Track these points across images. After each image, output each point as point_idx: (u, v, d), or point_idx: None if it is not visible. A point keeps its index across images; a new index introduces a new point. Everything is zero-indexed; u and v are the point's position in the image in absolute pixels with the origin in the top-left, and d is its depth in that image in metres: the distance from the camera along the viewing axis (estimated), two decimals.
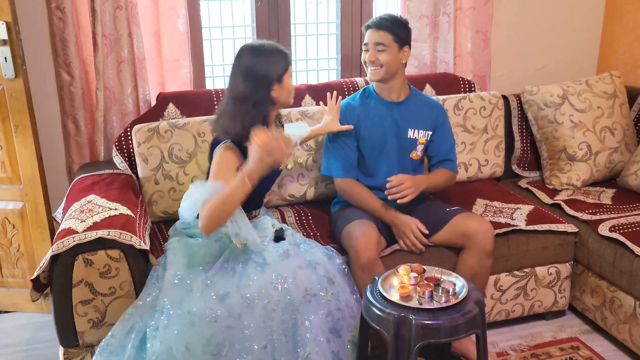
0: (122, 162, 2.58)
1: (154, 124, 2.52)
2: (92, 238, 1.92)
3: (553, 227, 2.47)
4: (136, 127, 2.52)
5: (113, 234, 1.94)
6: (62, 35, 2.64)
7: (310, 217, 2.60)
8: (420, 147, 2.47)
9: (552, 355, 2.39)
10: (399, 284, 1.87)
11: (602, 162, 2.85)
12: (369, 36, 2.38)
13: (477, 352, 1.89)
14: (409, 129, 2.45)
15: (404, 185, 2.25)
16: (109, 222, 2.00)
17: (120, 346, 1.88)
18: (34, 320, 2.71)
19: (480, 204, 2.67)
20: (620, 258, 2.31)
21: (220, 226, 1.97)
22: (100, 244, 1.94)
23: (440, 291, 1.81)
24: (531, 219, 2.51)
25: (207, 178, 2.10)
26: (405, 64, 2.44)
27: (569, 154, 2.83)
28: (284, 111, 2.66)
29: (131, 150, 2.61)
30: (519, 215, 2.54)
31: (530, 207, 2.61)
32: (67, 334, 1.99)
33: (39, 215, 2.62)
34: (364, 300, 1.88)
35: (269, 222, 2.26)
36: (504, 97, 3.04)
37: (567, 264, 2.55)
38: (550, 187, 2.86)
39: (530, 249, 2.46)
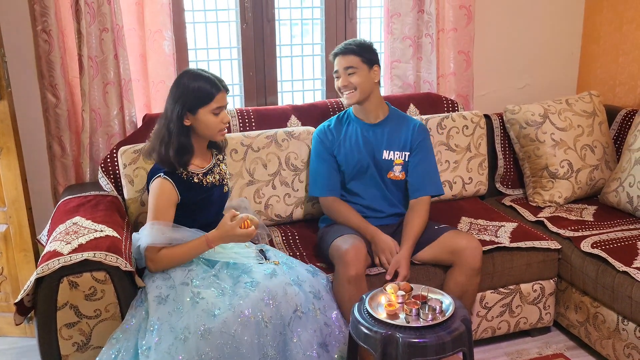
0: (107, 183, 2.58)
1: (139, 146, 2.53)
2: (78, 260, 1.91)
3: (536, 244, 2.50)
4: (122, 148, 2.53)
5: (99, 255, 1.93)
6: (47, 57, 2.65)
7: (297, 237, 2.61)
8: (397, 168, 2.50)
9: None
10: (386, 302, 1.88)
11: (584, 180, 2.90)
12: (337, 63, 2.45)
13: None
14: (384, 150, 2.48)
15: (400, 270, 2.27)
16: (94, 244, 1.99)
17: None
18: (17, 345, 2.68)
19: (465, 222, 2.70)
20: (602, 274, 2.34)
21: None
22: (86, 266, 1.93)
23: (427, 309, 1.83)
24: (515, 236, 2.54)
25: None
26: (379, 82, 2.50)
27: (551, 172, 2.88)
28: (270, 132, 2.69)
29: (117, 171, 2.61)
30: (503, 233, 2.57)
31: (514, 225, 2.65)
32: (51, 358, 1.97)
33: (23, 238, 2.60)
34: (352, 318, 1.89)
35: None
36: (486, 116, 3.09)
37: (551, 280, 2.58)
38: (534, 204, 2.90)
39: (515, 265, 2.49)
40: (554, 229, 2.63)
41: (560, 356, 2.50)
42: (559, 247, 2.53)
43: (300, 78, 3.36)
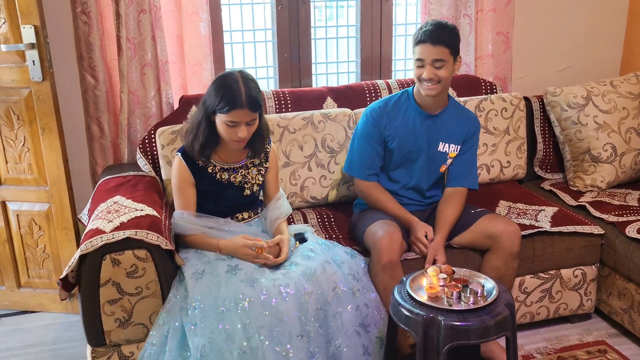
0: (146, 164, 2.60)
1: (177, 127, 2.54)
2: (120, 238, 1.93)
3: (578, 228, 2.45)
4: (160, 129, 2.54)
5: (140, 234, 1.95)
6: (87, 39, 2.67)
7: (332, 219, 2.60)
8: (449, 161, 2.42)
9: (579, 358, 2.36)
10: (427, 284, 1.86)
11: (628, 164, 2.82)
12: (424, 52, 2.22)
13: (507, 355, 1.87)
14: (440, 142, 2.39)
15: (437, 257, 2.24)
16: (135, 223, 2.01)
17: (161, 352, 1.90)
18: (60, 320, 2.74)
19: (503, 206, 2.65)
20: None
21: None
22: (128, 244, 1.95)
23: (468, 292, 1.80)
24: (556, 220, 2.49)
25: None
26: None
27: (593, 156, 2.81)
28: (306, 113, 2.67)
29: (155, 152, 2.63)
30: (543, 217, 2.52)
31: (555, 209, 2.59)
32: (95, 333, 2.01)
33: (64, 216, 2.64)
34: (392, 301, 1.88)
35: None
36: (526, 99, 3.02)
37: (593, 266, 2.52)
38: (574, 189, 2.84)
39: (556, 250, 2.44)
40: (597, 213, 2.57)
41: (603, 343, 2.45)
42: (602, 232, 2.47)
43: (335, 60, 3.33)
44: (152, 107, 2.82)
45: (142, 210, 2.12)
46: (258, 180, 2.26)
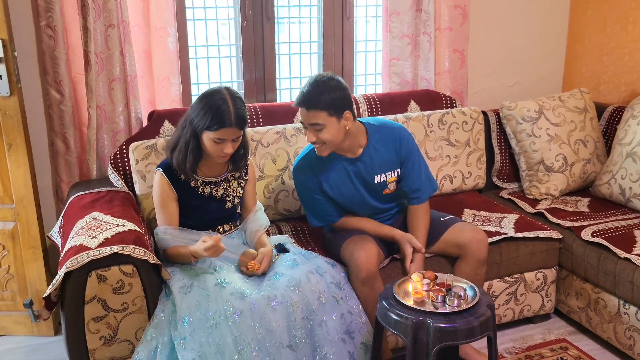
0: (118, 179, 2.58)
1: (151, 142, 2.53)
2: (107, 254, 1.91)
3: (540, 234, 2.61)
4: (133, 144, 2.53)
5: (127, 249, 1.94)
6: (52, 53, 2.64)
7: (306, 231, 2.65)
8: (391, 185, 2.40)
9: (544, 356, 2.50)
10: (413, 289, 1.94)
11: (577, 173, 3.03)
12: (302, 115, 2.16)
13: (489, 354, 1.97)
14: (375, 176, 2.35)
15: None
16: (120, 238, 2.00)
17: None
18: (25, 344, 2.64)
19: (468, 214, 2.79)
20: (604, 261, 2.46)
21: None
22: (114, 259, 1.94)
23: (452, 295, 1.90)
24: (519, 227, 2.64)
25: None
26: (353, 121, 2.22)
27: (547, 166, 3.00)
28: (279, 127, 2.72)
29: (127, 167, 2.61)
30: (506, 224, 2.67)
31: (516, 216, 2.75)
32: (78, 352, 1.97)
33: (31, 235, 2.57)
34: (380, 307, 1.95)
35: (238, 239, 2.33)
36: (483, 112, 3.19)
37: (553, 269, 2.69)
38: (530, 197, 3.01)
39: (520, 255, 2.59)
40: (554, 219, 2.74)
41: (563, 341, 2.61)
42: (561, 236, 2.64)
43: (298, 76, 3.40)
44: (120, 122, 2.80)
45: (123, 225, 2.10)
46: (239, 192, 2.29)
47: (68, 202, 2.45)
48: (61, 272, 1.89)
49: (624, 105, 3.23)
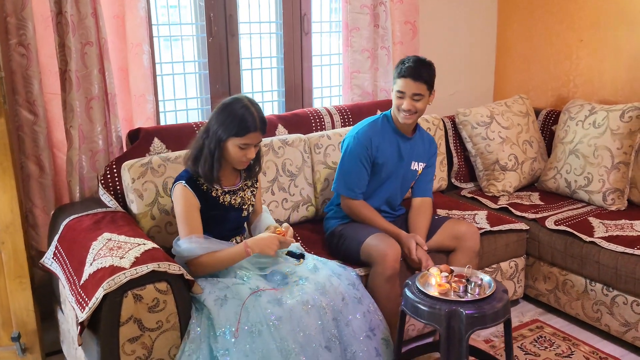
0: (111, 199, 2.52)
1: (145, 159, 2.50)
2: (145, 272, 1.89)
3: (512, 226, 2.89)
4: (127, 163, 2.48)
5: (163, 266, 1.93)
6: (25, 72, 2.54)
7: (299, 239, 2.73)
8: (417, 177, 2.73)
9: (525, 335, 2.77)
10: (436, 283, 2.10)
11: (527, 170, 3.37)
12: (405, 86, 2.48)
13: (506, 335, 2.17)
14: (413, 162, 2.67)
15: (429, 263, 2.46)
16: (150, 256, 1.98)
17: None
18: None
19: (442, 213, 3.01)
20: (570, 246, 2.77)
21: None
22: (148, 278, 1.92)
23: (473, 285, 2.08)
24: (492, 221, 2.90)
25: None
26: None
27: (502, 165, 3.31)
28: (266, 140, 2.79)
29: (118, 187, 2.55)
30: (480, 220, 2.92)
31: (485, 212, 3.01)
32: None
33: (18, 263, 2.42)
34: (408, 301, 2.09)
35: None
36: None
37: (522, 257, 2.98)
38: (489, 194, 3.30)
39: (498, 247, 2.85)
40: (518, 212, 3.04)
41: (537, 321, 2.89)
42: (528, 227, 2.94)
43: (260, 90, 3.48)
44: (100, 142, 2.73)
45: (144, 244, 2.08)
46: (252, 201, 2.35)
47: (63, 226, 2.36)
48: (99, 295, 1.84)
49: (554, 109, 3.63)
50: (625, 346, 2.66)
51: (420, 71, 2.48)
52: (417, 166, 2.69)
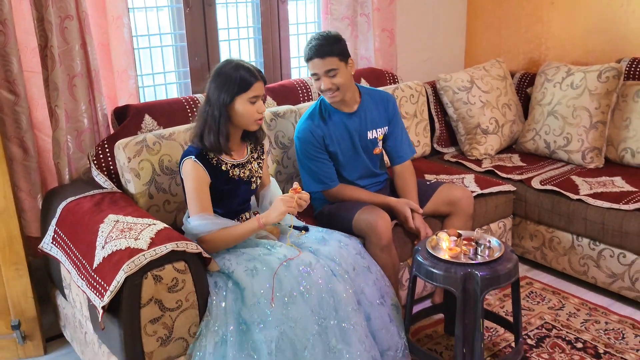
0: (106, 180, 2.44)
1: (139, 137, 2.42)
2: (164, 252, 1.86)
3: (500, 188, 2.97)
4: (121, 142, 2.40)
5: (181, 245, 1.90)
6: (2, 50, 2.40)
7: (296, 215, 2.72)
8: (380, 143, 2.69)
9: None
10: (446, 247, 2.15)
11: (507, 133, 3.45)
12: (315, 66, 2.43)
13: (513, 293, 2.26)
14: (368, 132, 2.61)
15: (427, 229, 2.52)
16: (165, 236, 1.94)
17: (221, 356, 1.88)
18: None
19: (431, 178, 3.06)
20: (557, 204, 2.88)
21: None
22: (167, 258, 1.88)
23: (483, 247, 2.14)
24: (480, 184, 2.98)
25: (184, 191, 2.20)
26: (353, 70, 2.53)
27: (483, 129, 3.38)
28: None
29: (111, 167, 2.48)
30: (469, 183, 2.99)
31: (472, 176, 3.08)
32: (136, 357, 1.89)
33: (14, 250, 2.34)
34: (421, 266, 2.13)
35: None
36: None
37: (509, 217, 3.08)
38: (472, 158, 3.38)
39: (488, 209, 2.93)
40: (504, 174, 3.13)
41: (526, 278, 3.01)
42: (514, 188, 3.03)
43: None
44: (85, 121, 2.63)
45: (154, 224, 2.04)
46: (259, 173, 2.33)
47: (60, 210, 2.28)
48: (120, 278, 1.80)
49: (528, 72, 3.72)
50: (612, 296, 2.81)
51: (323, 47, 2.41)
52: (376, 133, 2.64)
